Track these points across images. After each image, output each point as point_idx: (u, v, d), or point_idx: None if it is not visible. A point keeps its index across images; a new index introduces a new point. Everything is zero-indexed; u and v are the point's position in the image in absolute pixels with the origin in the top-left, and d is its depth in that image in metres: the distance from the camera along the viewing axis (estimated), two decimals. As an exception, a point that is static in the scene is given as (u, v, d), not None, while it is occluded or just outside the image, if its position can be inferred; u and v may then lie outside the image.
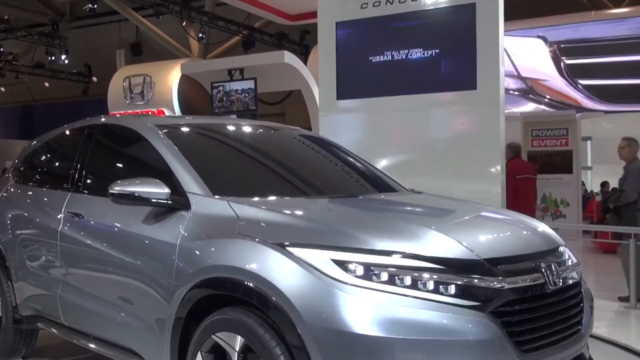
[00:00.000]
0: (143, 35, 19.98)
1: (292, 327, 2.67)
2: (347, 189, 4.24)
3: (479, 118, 6.19)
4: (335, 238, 2.82)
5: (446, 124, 6.50)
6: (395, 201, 3.92)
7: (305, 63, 13.69)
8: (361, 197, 3.93)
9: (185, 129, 4.26)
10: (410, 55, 6.52)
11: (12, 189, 5.04)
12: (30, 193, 4.81)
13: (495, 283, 2.71)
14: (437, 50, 6.36)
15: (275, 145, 4.57)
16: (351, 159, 4.63)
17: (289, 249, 2.81)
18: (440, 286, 2.64)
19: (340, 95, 6.85)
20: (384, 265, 2.67)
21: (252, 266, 2.86)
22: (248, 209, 3.22)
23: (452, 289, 2.64)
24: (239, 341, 2.90)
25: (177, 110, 14.72)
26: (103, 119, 4.72)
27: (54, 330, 4.38)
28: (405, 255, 2.71)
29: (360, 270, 2.66)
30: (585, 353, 3.20)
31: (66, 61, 21.16)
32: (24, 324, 4.64)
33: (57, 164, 5.05)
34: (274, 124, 4.95)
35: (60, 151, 5.01)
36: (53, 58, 20.95)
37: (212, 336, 3.01)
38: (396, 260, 2.69)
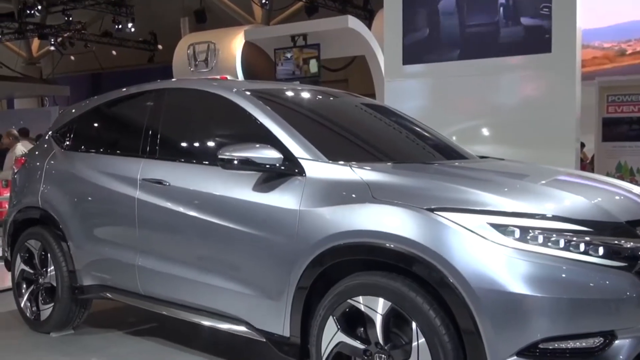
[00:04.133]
0: (207, 2, 19.98)
1: (454, 290, 2.75)
2: (436, 155, 4.22)
3: (553, 83, 5.95)
4: (485, 202, 2.87)
5: (517, 89, 6.30)
6: (499, 169, 3.85)
7: (370, 28, 13.43)
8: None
9: (274, 94, 4.17)
10: (480, 16, 6.29)
11: (60, 156, 4.91)
12: (86, 160, 4.67)
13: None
14: (509, 11, 6.11)
15: (353, 111, 4.52)
16: (418, 128, 4.56)
17: (441, 213, 2.85)
18: (590, 248, 2.73)
19: (406, 61, 6.71)
20: (538, 228, 2.76)
21: (404, 231, 2.89)
22: (375, 174, 3.21)
23: (601, 251, 2.74)
24: (383, 305, 2.95)
25: (241, 77, 14.72)
26: (175, 83, 4.63)
27: (126, 300, 4.34)
28: (557, 218, 2.80)
29: (517, 233, 2.75)
30: None
31: (132, 29, 21.40)
32: (84, 293, 4.58)
33: (119, 129, 4.92)
34: (334, 90, 4.86)
35: (122, 116, 4.90)
36: (120, 26, 21.22)
37: (349, 301, 3.05)
38: (549, 223, 2.78)
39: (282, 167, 3.40)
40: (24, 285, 4.96)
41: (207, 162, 3.79)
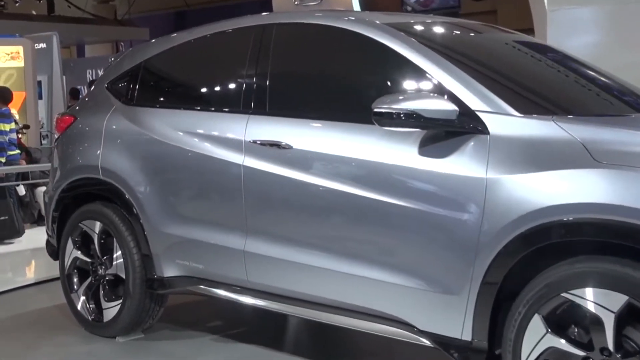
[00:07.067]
0: None
1: None
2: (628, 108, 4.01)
3: None
4: None
5: None
6: None
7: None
8: None
9: (421, 30, 4.12)
10: None
11: (124, 113, 4.81)
12: (164, 117, 4.60)
13: None
14: None
15: (511, 51, 4.39)
16: (595, 72, 4.32)
17: None
18: None
19: (578, -18, 6.55)
20: None
21: None
22: (592, 131, 3.13)
23: None
24: (616, 300, 2.85)
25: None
26: (287, 17, 4.59)
27: (225, 295, 4.30)
28: None
29: None
30: None
31: (223, -45, 21.74)
32: (165, 287, 4.53)
33: (208, 78, 4.82)
34: (475, 23, 4.76)
35: (213, 61, 4.84)
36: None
37: (563, 294, 2.99)
38: None
39: (460, 123, 3.33)
40: (77, 278, 4.94)
41: (345, 119, 3.79)
